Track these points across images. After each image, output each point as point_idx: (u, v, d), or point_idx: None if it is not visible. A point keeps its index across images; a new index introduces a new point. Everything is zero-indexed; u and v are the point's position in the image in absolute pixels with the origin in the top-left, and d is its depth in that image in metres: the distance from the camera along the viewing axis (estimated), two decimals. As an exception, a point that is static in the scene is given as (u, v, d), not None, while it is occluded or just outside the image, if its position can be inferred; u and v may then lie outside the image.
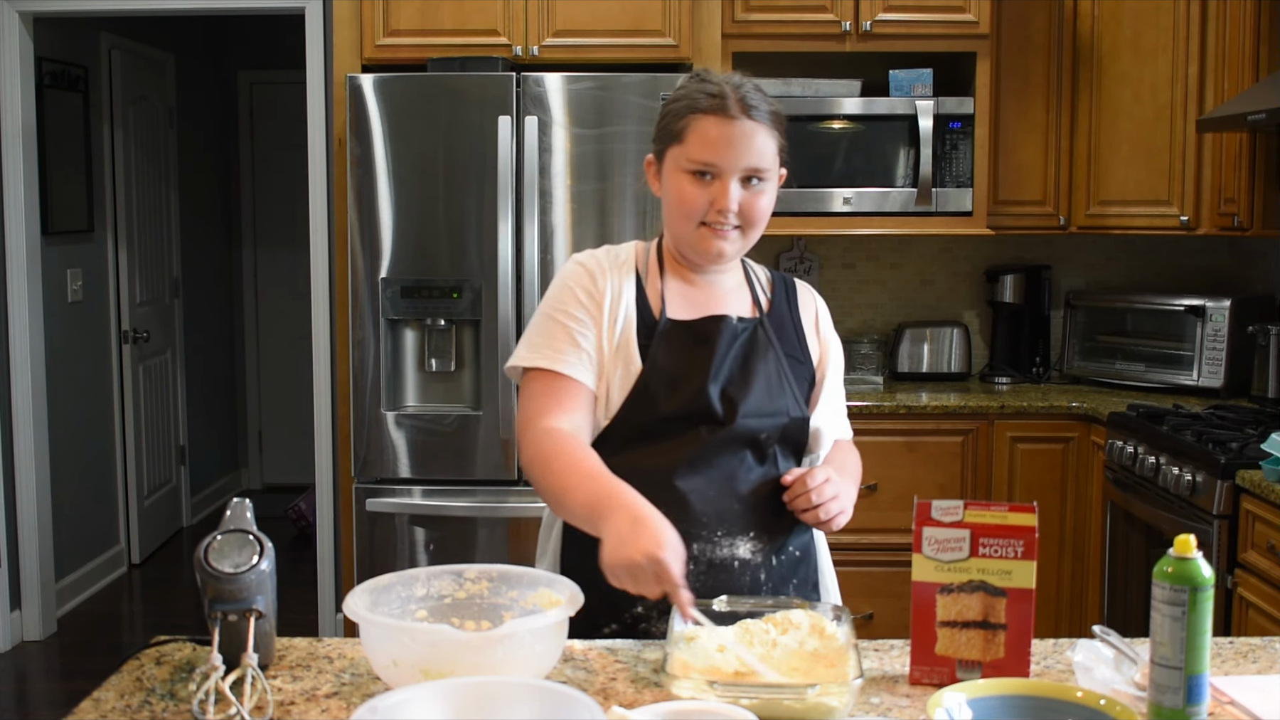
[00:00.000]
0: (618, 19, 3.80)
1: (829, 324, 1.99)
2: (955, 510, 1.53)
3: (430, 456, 3.68)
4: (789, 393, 1.85)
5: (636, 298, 1.85)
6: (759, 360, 1.84)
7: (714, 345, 1.82)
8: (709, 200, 1.78)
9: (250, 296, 7.00)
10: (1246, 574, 2.92)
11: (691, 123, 1.78)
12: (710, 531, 1.79)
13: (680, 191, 1.80)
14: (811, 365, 1.91)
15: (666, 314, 1.84)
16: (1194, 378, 3.95)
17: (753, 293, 1.92)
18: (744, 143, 1.77)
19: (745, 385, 1.82)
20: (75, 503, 5.05)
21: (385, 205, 3.64)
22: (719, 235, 1.80)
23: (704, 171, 1.78)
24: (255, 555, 1.48)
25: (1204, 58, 3.86)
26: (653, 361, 1.80)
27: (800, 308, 1.95)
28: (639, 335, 1.82)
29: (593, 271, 1.85)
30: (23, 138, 4.48)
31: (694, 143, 1.78)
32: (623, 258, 1.89)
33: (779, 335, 1.89)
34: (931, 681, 1.53)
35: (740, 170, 1.78)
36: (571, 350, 1.80)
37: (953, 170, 4.00)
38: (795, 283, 1.99)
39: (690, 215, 1.80)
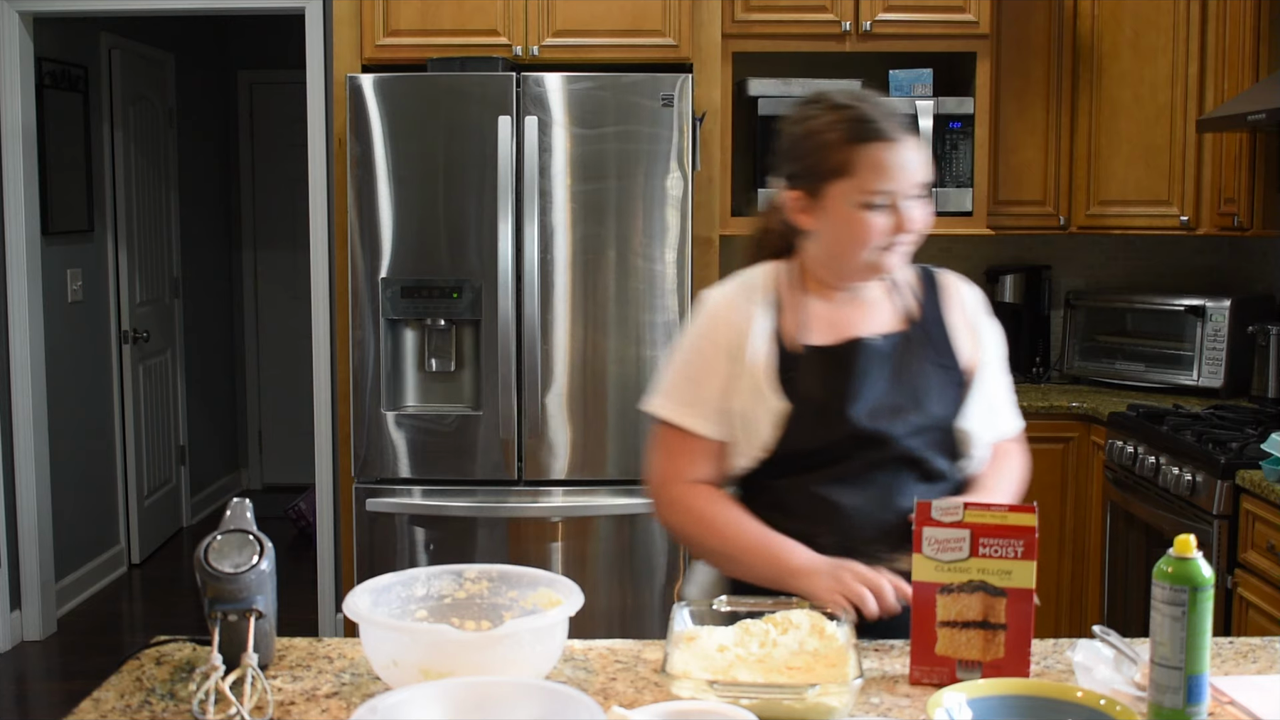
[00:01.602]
0: (618, 19, 3.80)
1: (980, 312, 1.93)
2: (955, 510, 1.53)
3: (430, 456, 3.68)
4: (940, 404, 1.82)
5: (774, 331, 1.82)
6: (907, 376, 1.81)
7: (856, 370, 1.79)
8: (891, 227, 1.76)
9: (250, 296, 7.00)
10: (1246, 574, 2.92)
11: (856, 154, 1.75)
12: (872, 547, 1.76)
13: (859, 224, 1.76)
14: (959, 370, 1.86)
15: (805, 341, 1.82)
16: (1194, 378, 3.95)
17: (898, 300, 1.88)
18: (914, 162, 1.77)
19: (895, 407, 1.79)
20: (75, 503, 5.05)
21: (385, 205, 3.64)
22: (895, 254, 1.79)
23: (880, 201, 1.75)
24: (255, 555, 1.48)
25: (1204, 58, 3.86)
26: (796, 394, 1.79)
27: (947, 306, 1.90)
28: (780, 369, 1.80)
29: (720, 313, 1.85)
30: (23, 138, 4.48)
31: (866, 174, 1.74)
32: (755, 286, 1.87)
33: (927, 344, 1.85)
34: (931, 681, 1.53)
35: (913, 188, 1.77)
36: (703, 405, 1.83)
37: (953, 170, 4.00)
38: (941, 277, 1.94)
39: (871, 242, 1.77)
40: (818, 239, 1.83)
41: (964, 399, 1.84)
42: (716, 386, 1.82)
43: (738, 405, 1.81)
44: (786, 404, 1.79)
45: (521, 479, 3.68)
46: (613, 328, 3.65)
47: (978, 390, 1.86)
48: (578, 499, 3.68)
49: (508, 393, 3.63)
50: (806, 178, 1.80)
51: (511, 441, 3.66)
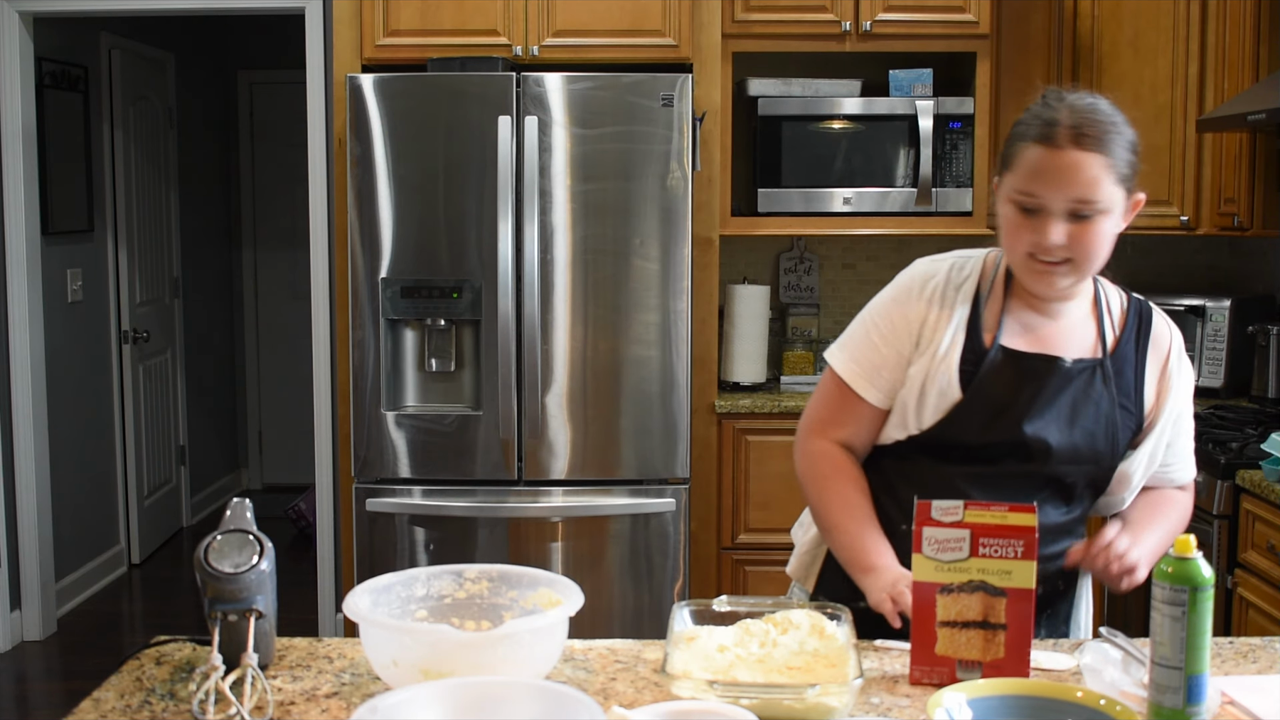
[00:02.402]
0: (618, 19, 3.80)
1: (1180, 359, 1.87)
2: (955, 510, 1.53)
3: (430, 456, 3.68)
4: (1108, 443, 1.79)
5: (969, 322, 1.81)
6: (1087, 407, 1.78)
7: (1042, 384, 1.77)
8: (1032, 235, 1.72)
9: (250, 296, 7.00)
10: (1246, 574, 2.92)
11: (1021, 151, 1.74)
12: None
13: (1007, 221, 1.76)
14: (1142, 414, 1.83)
15: (1000, 341, 1.80)
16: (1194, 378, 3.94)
17: (1100, 327, 1.84)
18: (1069, 175, 1.69)
19: (1066, 432, 1.77)
20: (75, 503, 5.05)
21: (385, 205, 3.64)
22: (1046, 270, 1.74)
23: (1030, 206, 1.72)
24: (255, 555, 1.48)
25: (1204, 58, 3.85)
26: (977, 389, 1.78)
27: (1150, 348, 1.85)
28: (964, 361, 1.79)
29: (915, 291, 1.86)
30: (23, 138, 4.48)
31: (1020, 172, 1.73)
32: (966, 274, 1.87)
33: (1116, 380, 1.81)
34: (931, 681, 1.53)
35: (1065, 204, 1.70)
36: (875, 372, 1.85)
37: (953, 170, 4.00)
38: (1152, 315, 1.88)
39: (1014, 247, 1.76)
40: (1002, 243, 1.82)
41: (1134, 444, 1.82)
42: (894, 358, 1.83)
43: (913, 380, 1.81)
44: (960, 394, 1.78)
45: (521, 479, 3.68)
46: (613, 328, 3.65)
47: (1151, 439, 1.82)
48: (578, 499, 3.68)
49: (508, 393, 3.63)
50: (1000, 166, 1.81)
51: (511, 441, 3.66)
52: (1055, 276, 1.75)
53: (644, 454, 3.68)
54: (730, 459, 3.89)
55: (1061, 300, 1.82)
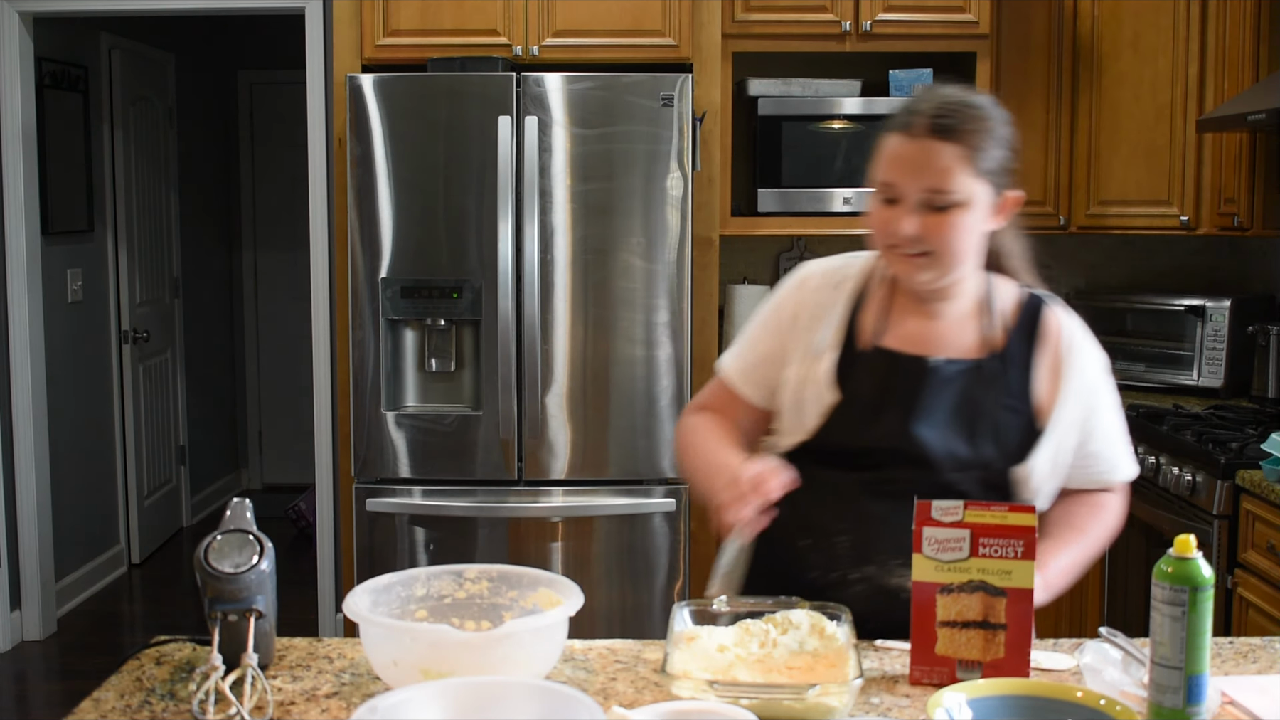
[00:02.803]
0: (618, 19, 3.80)
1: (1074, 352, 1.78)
2: (955, 510, 1.53)
3: (430, 456, 3.68)
4: (994, 446, 1.73)
5: (848, 321, 1.79)
6: (967, 410, 1.73)
7: (917, 386, 1.73)
8: (890, 223, 1.70)
9: (250, 296, 7.00)
10: (1246, 574, 2.92)
11: (882, 141, 1.73)
12: (888, 558, 1.73)
13: (870, 213, 1.75)
14: (1032, 414, 1.75)
15: (877, 342, 1.77)
16: (1194, 378, 3.95)
17: (985, 325, 1.78)
18: (921, 162, 1.67)
19: (947, 437, 1.72)
20: (75, 503, 5.05)
21: (385, 205, 3.63)
22: (906, 260, 1.71)
23: (887, 195, 1.71)
24: (255, 555, 1.48)
25: (1204, 58, 3.85)
26: (851, 390, 1.75)
27: (1039, 344, 1.78)
28: (840, 362, 1.77)
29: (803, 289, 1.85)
30: (23, 138, 4.48)
31: (879, 162, 1.73)
32: (849, 272, 1.84)
33: (1000, 380, 1.74)
34: (931, 681, 1.53)
35: (918, 193, 1.67)
36: (753, 369, 1.87)
37: (953, 170, 3.99)
38: (1043, 308, 1.81)
39: (876, 239, 1.75)
40: None
41: (1027, 444, 1.74)
42: (771, 354, 1.84)
43: (790, 382, 1.80)
44: (837, 396, 1.76)
45: (521, 479, 3.68)
46: (613, 328, 3.65)
47: (1050, 440, 1.75)
48: (578, 499, 3.68)
49: (508, 393, 3.63)
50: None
51: (511, 441, 3.66)
52: (915, 268, 1.72)
53: (643, 454, 3.68)
54: (730, 459, 3.89)
55: (940, 299, 1.78)
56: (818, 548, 1.78)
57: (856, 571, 1.76)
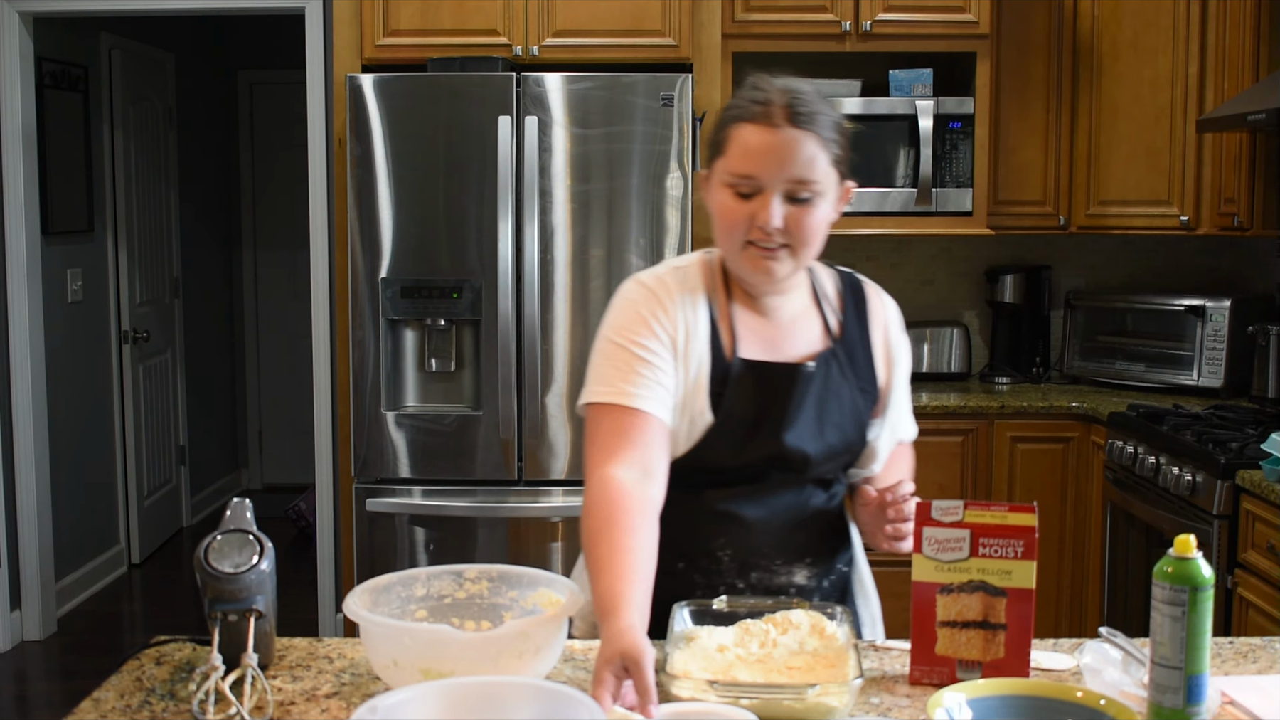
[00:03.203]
0: (618, 19, 3.80)
1: (897, 331, 1.85)
2: (955, 510, 1.53)
3: (430, 456, 3.68)
4: (857, 428, 1.78)
5: (710, 334, 1.71)
6: (832, 403, 1.74)
7: (788, 395, 1.71)
8: (749, 217, 1.65)
9: (250, 296, 7.00)
10: (1246, 574, 2.92)
11: (733, 133, 1.66)
12: (770, 560, 1.76)
13: (722, 207, 1.68)
14: (877, 391, 1.80)
15: (739, 354, 1.72)
16: (1194, 378, 3.95)
17: (822, 315, 1.79)
18: (786, 153, 1.62)
19: (820, 436, 1.73)
20: (75, 503, 5.05)
21: (385, 205, 3.64)
22: (766, 255, 1.66)
23: (744, 188, 1.65)
24: (255, 555, 1.48)
25: (1204, 58, 3.86)
26: (727, 411, 1.69)
27: (871, 324, 1.82)
28: (713, 380, 1.69)
29: (662, 298, 1.72)
30: (23, 138, 4.48)
31: (734, 154, 1.66)
32: (690, 280, 1.75)
33: (849, 366, 1.77)
34: (931, 681, 1.53)
35: (782, 183, 1.63)
36: (643, 382, 1.66)
37: (953, 170, 4.00)
38: (864, 289, 1.84)
39: (732, 233, 1.67)
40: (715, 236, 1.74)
41: (877, 420, 1.81)
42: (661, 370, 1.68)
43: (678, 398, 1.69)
44: (711, 419, 1.69)
45: (521, 479, 3.68)
46: (613, 328, 3.64)
47: (891, 410, 1.83)
48: (578, 499, 3.66)
49: (508, 393, 3.63)
50: (707, 154, 1.74)
51: (511, 441, 3.66)
52: (774, 263, 1.67)
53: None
54: (730, 459, 3.89)
55: (779, 294, 1.75)
56: (697, 567, 1.76)
57: (742, 580, 1.76)
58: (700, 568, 1.76)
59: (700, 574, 1.76)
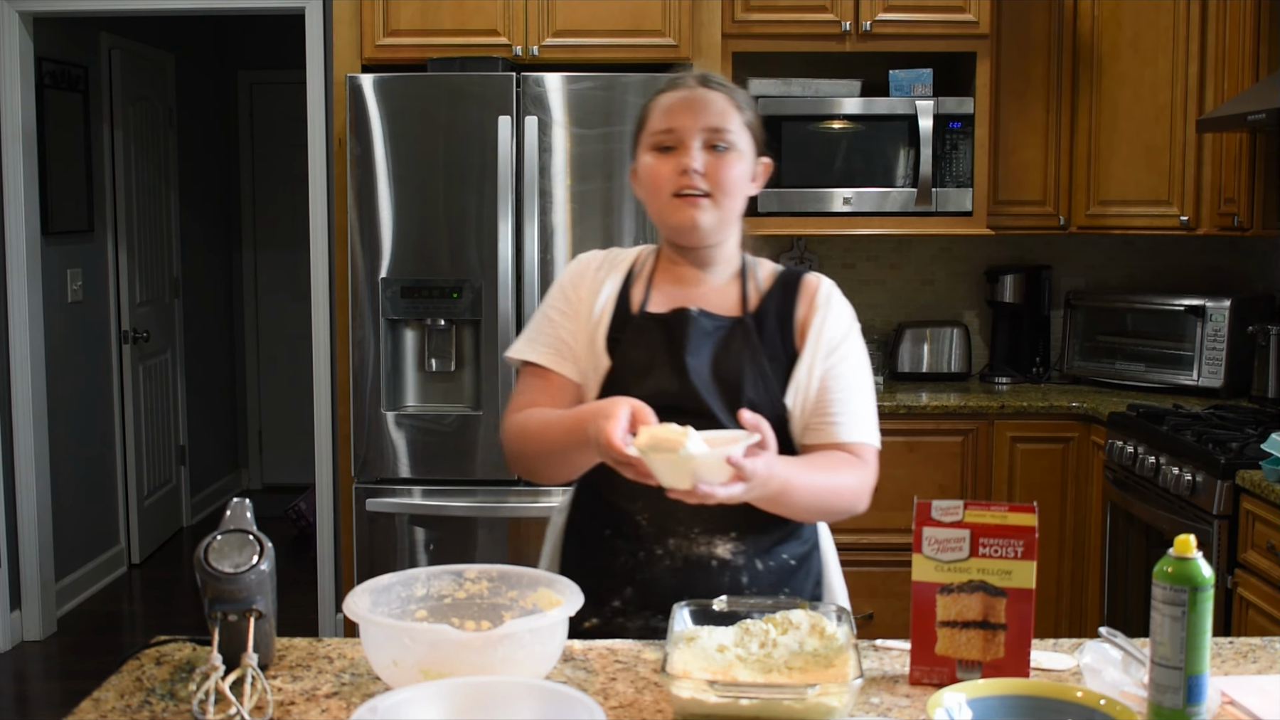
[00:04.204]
0: (618, 19, 3.80)
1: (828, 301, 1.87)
2: (955, 510, 1.53)
3: (430, 456, 3.68)
4: (764, 390, 1.79)
5: (619, 294, 1.87)
6: (732, 358, 1.80)
7: (684, 338, 1.80)
8: (674, 169, 1.80)
9: (250, 296, 7.00)
10: (1246, 574, 2.92)
11: (653, 104, 1.85)
12: (687, 528, 1.79)
13: (648, 168, 1.83)
14: (790, 363, 1.83)
15: (645, 309, 1.85)
16: (1194, 378, 3.95)
17: (743, 292, 1.88)
18: (700, 105, 1.80)
19: (714, 380, 1.79)
20: (75, 503, 5.05)
21: (385, 205, 3.64)
22: (689, 203, 1.80)
23: (667, 141, 1.81)
24: (255, 555, 1.48)
25: (1204, 58, 3.86)
26: (623, 354, 1.82)
27: (798, 295, 1.87)
28: (611, 329, 1.84)
29: (584, 270, 1.91)
30: (23, 138, 4.48)
31: (655, 117, 1.83)
32: (621, 258, 1.93)
33: (758, 334, 1.83)
34: (931, 681, 1.53)
35: (700, 131, 1.80)
36: (557, 345, 1.87)
37: (953, 170, 4.00)
38: (802, 278, 1.90)
39: (660, 188, 1.81)
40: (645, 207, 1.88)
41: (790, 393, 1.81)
42: (569, 331, 1.87)
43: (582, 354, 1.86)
44: (609, 362, 1.82)
45: (521, 479, 3.68)
46: (613, 328, 3.64)
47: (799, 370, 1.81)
48: (578, 499, 3.68)
49: (508, 393, 3.62)
50: (632, 146, 1.89)
51: (511, 441, 3.65)
52: (699, 212, 1.80)
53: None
54: (730, 459, 3.89)
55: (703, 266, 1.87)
56: (621, 533, 1.82)
57: (660, 547, 1.80)
58: (624, 534, 1.82)
59: (624, 540, 1.82)
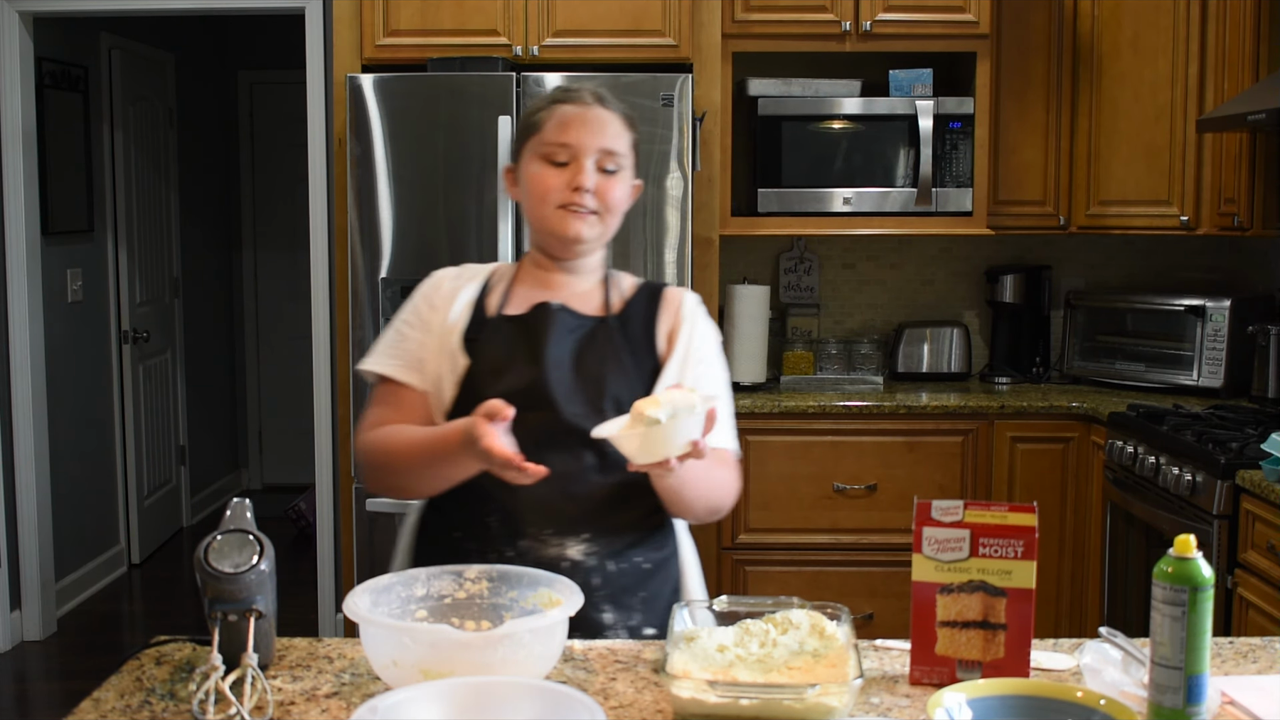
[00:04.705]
0: (618, 19, 3.80)
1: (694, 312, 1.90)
2: (955, 510, 1.53)
3: (430, 456, 3.68)
4: (626, 387, 1.80)
5: (476, 299, 1.89)
6: (594, 354, 1.82)
7: (544, 335, 1.82)
8: (565, 182, 1.82)
9: (250, 296, 7.00)
10: (1246, 574, 2.92)
11: (548, 113, 1.85)
12: (539, 529, 1.78)
13: (536, 176, 1.84)
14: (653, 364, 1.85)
15: (502, 312, 1.87)
16: (1194, 378, 3.95)
17: (606, 297, 1.89)
18: (598, 125, 1.84)
19: (576, 376, 1.80)
20: (75, 503, 5.05)
21: (385, 205, 3.64)
22: (577, 217, 1.82)
23: (560, 156, 1.83)
24: (255, 555, 1.48)
25: (1204, 58, 3.86)
26: (481, 352, 1.83)
27: (659, 310, 1.89)
28: (468, 331, 1.85)
29: (438, 282, 1.93)
30: (23, 138, 4.48)
31: (551, 127, 1.84)
32: (477, 270, 1.95)
33: (620, 335, 1.84)
34: (931, 681, 1.53)
35: (595, 151, 1.83)
36: (408, 359, 1.88)
37: (953, 170, 4.00)
38: (666, 292, 1.93)
39: (547, 198, 1.83)
40: (523, 209, 1.90)
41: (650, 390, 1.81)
42: (418, 342, 1.88)
43: (432, 365, 1.86)
44: (467, 360, 1.83)
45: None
46: (613, 328, 3.65)
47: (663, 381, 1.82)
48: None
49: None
50: (515, 144, 1.91)
51: (511, 441, 3.65)
52: (584, 226, 1.83)
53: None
54: (730, 459, 3.89)
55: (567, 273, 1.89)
56: (471, 534, 1.81)
57: (511, 549, 1.79)
58: (474, 535, 1.80)
59: (474, 542, 1.80)
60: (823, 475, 3.89)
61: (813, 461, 3.89)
